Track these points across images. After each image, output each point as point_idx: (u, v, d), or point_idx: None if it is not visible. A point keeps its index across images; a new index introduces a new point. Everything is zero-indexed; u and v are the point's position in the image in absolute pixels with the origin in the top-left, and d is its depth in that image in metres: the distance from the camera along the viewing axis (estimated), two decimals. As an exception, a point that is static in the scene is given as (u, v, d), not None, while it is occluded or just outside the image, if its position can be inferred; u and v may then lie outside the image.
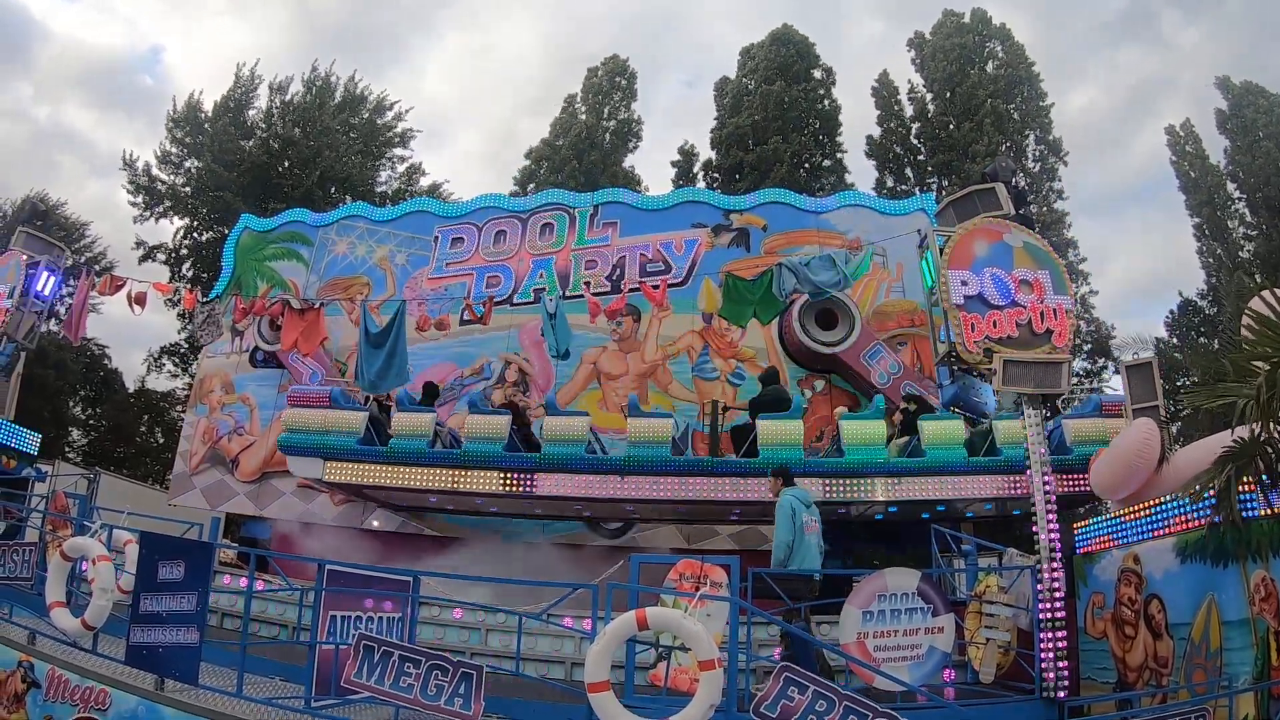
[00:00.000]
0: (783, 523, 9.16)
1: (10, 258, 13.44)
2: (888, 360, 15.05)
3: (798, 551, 9.12)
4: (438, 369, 16.91)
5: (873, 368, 15.02)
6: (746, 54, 32.49)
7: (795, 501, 9.34)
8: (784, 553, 9.10)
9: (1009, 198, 10.12)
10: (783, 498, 9.43)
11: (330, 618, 7.14)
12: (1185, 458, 8.95)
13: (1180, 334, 27.19)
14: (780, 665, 5.85)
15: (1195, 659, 7.55)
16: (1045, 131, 29.51)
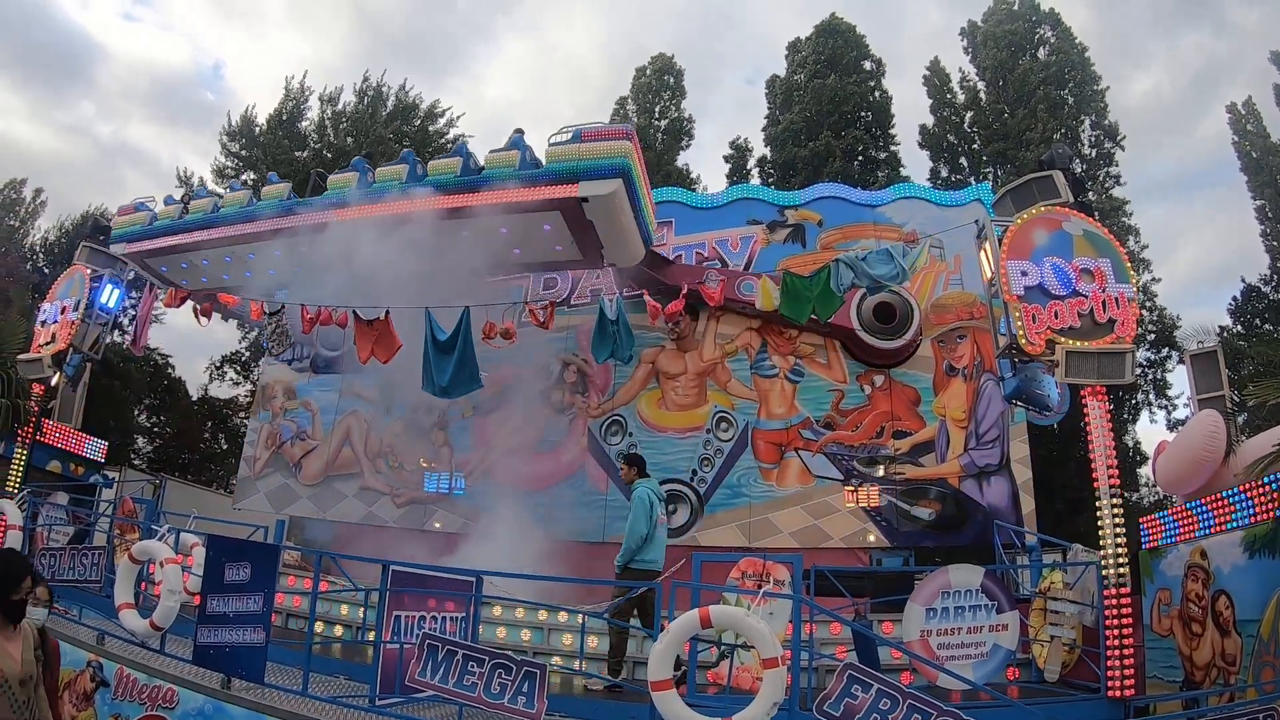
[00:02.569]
0: (640, 514, 9.19)
1: (74, 272, 13.79)
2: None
3: (650, 544, 9.17)
4: (496, 371, 16.98)
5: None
6: (793, 49, 32.26)
7: (649, 493, 9.39)
8: (637, 543, 9.12)
9: (1067, 185, 9.96)
10: (639, 489, 9.47)
11: (394, 617, 7.21)
12: (1252, 449, 8.74)
13: (1244, 321, 26.47)
14: (844, 664, 5.79)
15: (1264, 656, 7.36)
16: (1101, 117, 28.86)
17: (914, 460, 15.10)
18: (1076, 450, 21.31)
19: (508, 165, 12.82)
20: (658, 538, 9.32)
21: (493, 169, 12.89)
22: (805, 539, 14.73)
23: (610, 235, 12.98)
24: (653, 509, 9.29)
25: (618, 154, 12.25)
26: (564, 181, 12.30)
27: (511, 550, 13.38)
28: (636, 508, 9.28)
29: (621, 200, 12.36)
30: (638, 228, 13.14)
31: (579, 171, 12.25)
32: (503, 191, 12.58)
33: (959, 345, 15.63)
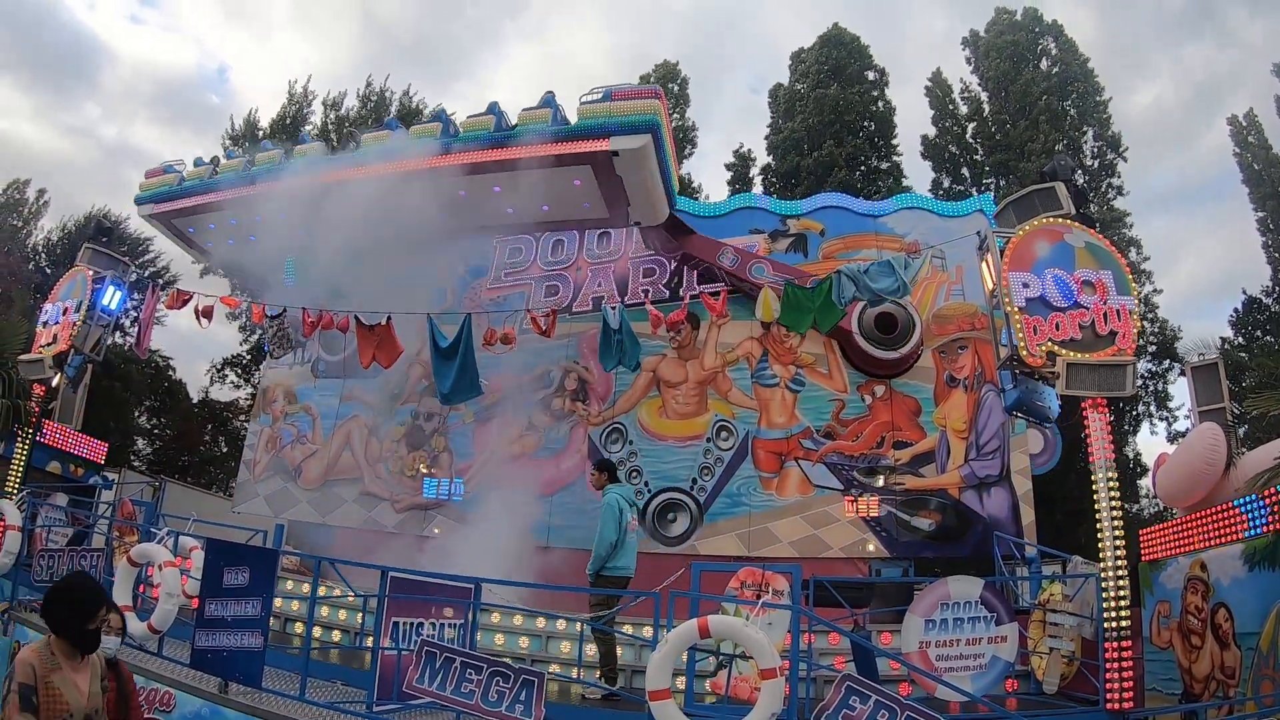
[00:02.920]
0: (609, 520, 9.16)
1: (77, 273, 13.78)
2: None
3: (620, 550, 9.17)
4: (497, 378, 17.03)
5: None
6: (797, 58, 32.29)
7: (620, 500, 9.36)
8: (606, 550, 9.11)
9: (1069, 196, 9.94)
10: (608, 495, 9.44)
11: (392, 623, 7.20)
12: (1252, 461, 8.74)
13: (1245, 333, 26.46)
14: (842, 675, 5.78)
15: (1264, 669, 7.35)
16: (1103, 128, 28.87)
17: (914, 471, 15.11)
18: (1077, 461, 21.28)
19: (540, 122, 13.26)
20: (629, 544, 9.30)
21: (525, 125, 13.32)
22: (805, 549, 14.72)
23: (637, 191, 13.42)
24: (623, 515, 9.24)
25: (647, 111, 12.70)
26: (595, 137, 12.76)
27: (509, 556, 13.37)
28: (606, 514, 9.23)
29: (650, 155, 12.79)
30: (663, 186, 13.55)
31: (610, 127, 12.69)
32: (536, 146, 13.03)
33: (960, 356, 15.64)
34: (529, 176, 13.33)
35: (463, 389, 13.67)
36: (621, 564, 9.21)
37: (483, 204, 14.05)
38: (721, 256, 15.71)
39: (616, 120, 12.64)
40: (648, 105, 12.74)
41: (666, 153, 13.26)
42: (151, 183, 15.46)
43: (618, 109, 12.72)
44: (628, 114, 12.65)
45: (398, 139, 14.12)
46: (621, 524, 9.20)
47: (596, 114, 12.81)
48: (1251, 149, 26.96)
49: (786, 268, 15.73)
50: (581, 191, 13.63)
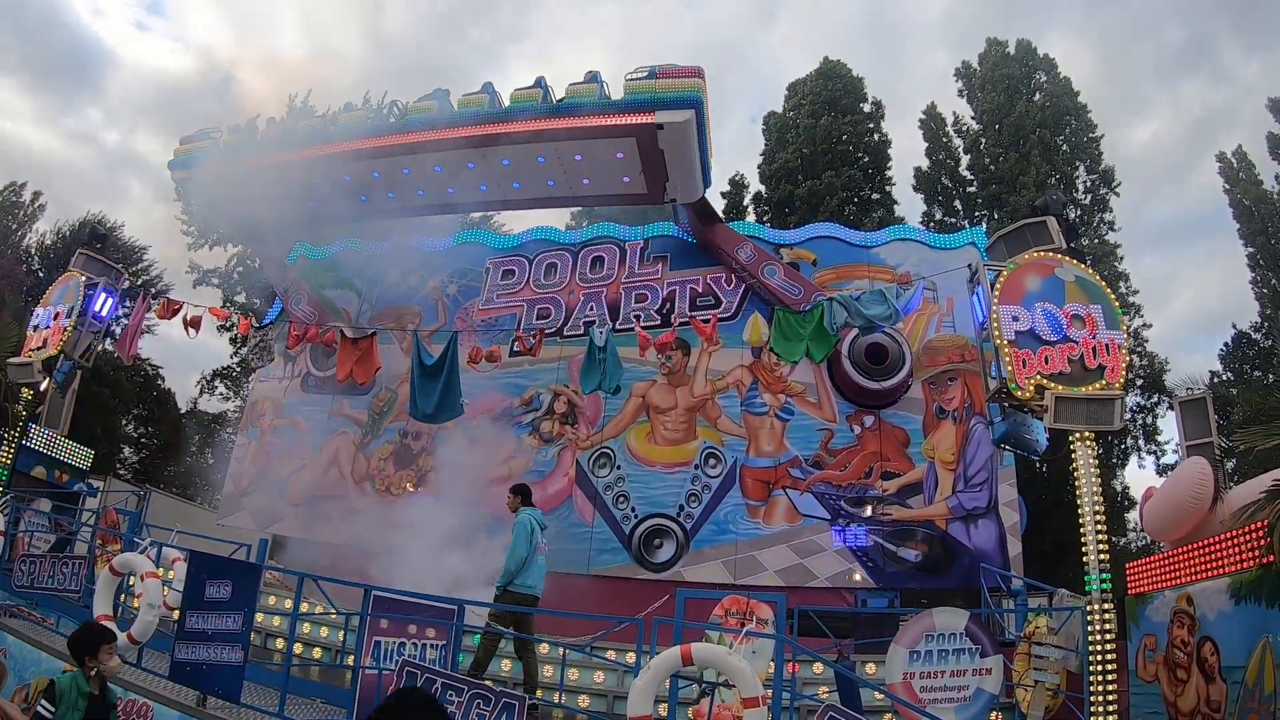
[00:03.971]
0: (520, 540, 9.50)
1: (70, 278, 13.76)
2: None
3: (528, 568, 9.45)
4: (487, 400, 17.02)
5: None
6: (793, 88, 32.47)
7: (531, 521, 9.70)
8: (516, 566, 9.39)
9: (1060, 231, 10.02)
10: (521, 515, 9.78)
11: (374, 642, 7.15)
12: (1240, 496, 8.76)
13: (1234, 368, 26.58)
14: (825, 705, 5.76)
15: (1249, 704, 7.34)
16: (1095, 162, 29.08)
17: (902, 501, 15.10)
18: (1064, 494, 21.30)
19: (587, 95, 13.75)
20: (537, 563, 9.59)
21: (573, 98, 13.78)
22: (790, 577, 14.67)
23: (677, 166, 13.88)
24: (533, 535, 9.60)
25: (691, 89, 13.31)
26: (641, 111, 13.31)
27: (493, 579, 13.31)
28: (518, 532, 9.57)
29: (692, 130, 13.33)
30: (700, 165, 14.00)
31: (655, 102, 13.28)
32: (585, 117, 13.56)
33: (949, 388, 15.68)
34: (573, 148, 13.87)
35: (445, 408, 13.70)
36: (529, 582, 9.49)
37: (524, 175, 14.55)
38: (740, 250, 16.00)
39: (662, 95, 13.21)
40: (692, 83, 13.31)
41: (706, 131, 13.73)
42: (187, 147, 15.66)
43: (663, 85, 13.29)
44: (672, 90, 13.24)
45: (443, 109, 14.40)
46: (532, 543, 9.54)
47: (641, 89, 13.35)
48: (1242, 185, 27.14)
49: (796, 275, 15.87)
50: (623, 165, 14.08)
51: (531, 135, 13.72)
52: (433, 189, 15.24)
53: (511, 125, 13.76)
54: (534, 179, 14.66)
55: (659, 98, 13.22)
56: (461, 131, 13.99)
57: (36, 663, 8.16)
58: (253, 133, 15.24)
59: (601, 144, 13.80)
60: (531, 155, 14.08)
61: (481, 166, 14.37)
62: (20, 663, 8.29)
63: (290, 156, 14.71)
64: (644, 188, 14.51)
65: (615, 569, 15.39)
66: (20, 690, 8.10)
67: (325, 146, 14.64)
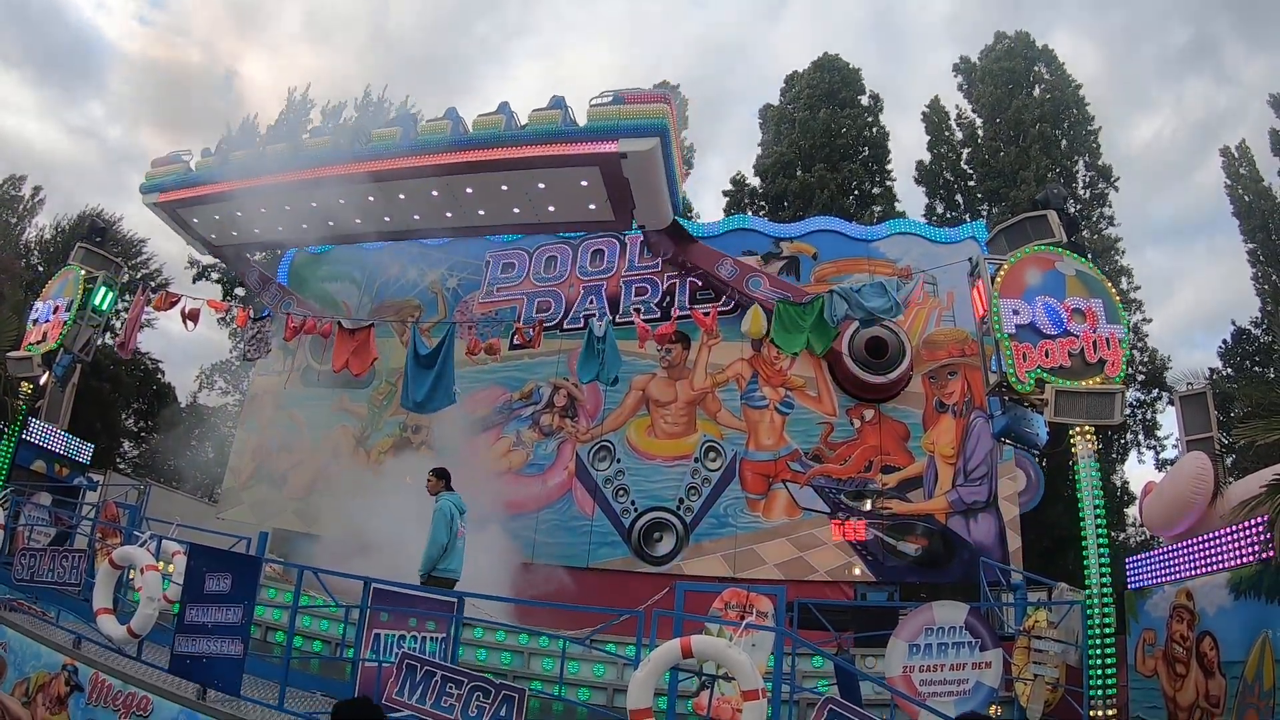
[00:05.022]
0: (440, 525, 9.66)
1: (69, 272, 13.76)
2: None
3: (450, 553, 9.63)
4: (487, 393, 17.02)
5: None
6: (790, 81, 32.35)
7: (452, 506, 9.84)
8: (438, 551, 9.56)
9: (1061, 225, 10.00)
10: (442, 501, 9.89)
11: (374, 635, 7.15)
12: (1239, 491, 8.76)
13: (1234, 364, 26.57)
14: (825, 698, 5.76)
15: (1248, 698, 7.34)
16: (1095, 157, 29.03)
17: (901, 495, 15.10)
18: (1064, 489, 21.30)
19: (550, 122, 13.30)
20: (457, 548, 9.77)
21: (535, 125, 13.34)
22: (790, 571, 14.68)
23: (643, 194, 13.53)
24: (453, 520, 9.75)
25: (656, 115, 12.83)
26: (604, 138, 12.86)
27: (493, 572, 13.31)
28: (438, 519, 9.71)
29: (657, 158, 12.90)
30: (668, 190, 13.65)
31: (619, 129, 12.82)
32: (546, 145, 13.13)
33: (950, 382, 15.67)
34: (536, 176, 13.49)
35: (437, 398, 13.73)
36: (450, 566, 9.67)
37: (489, 202, 14.19)
38: (720, 267, 15.77)
39: (626, 123, 12.77)
40: (657, 109, 12.88)
41: (673, 158, 13.38)
42: (158, 171, 15.50)
43: (627, 112, 12.87)
44: (637, 117, 12.81)
45: (407, 135, 14.14)
46: (453, 529, 9.68)
47: (606, 116, 12.94)
48: (1243, 181, 27.11)
49: (784, 284, 15.76)
50: (588, 192, 13.75)
51: (492, 164, 13.49)
52: (398, 215, 15.04)
53: (472, 154, 13.50)
54: (498, 206, 14.38)
55: (623, 125, 12.81)
56: (423, 160, 13.73)
57: (36, 656, 8.16)
58: (222, 157, 15.12)
59: (565, 172, 13.50)
60: (495, 183, 13.85)
61: (445, 194, 14.14)
62: (20, 657, 8.29)
63: (255, 182, 14.52)
64: (611, 214, 14.23)
65: (615, 562, 15.41)
66: (20, 684, 8.10)
67: (291, 173, 14.37)
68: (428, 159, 13.68)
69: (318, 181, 14.12)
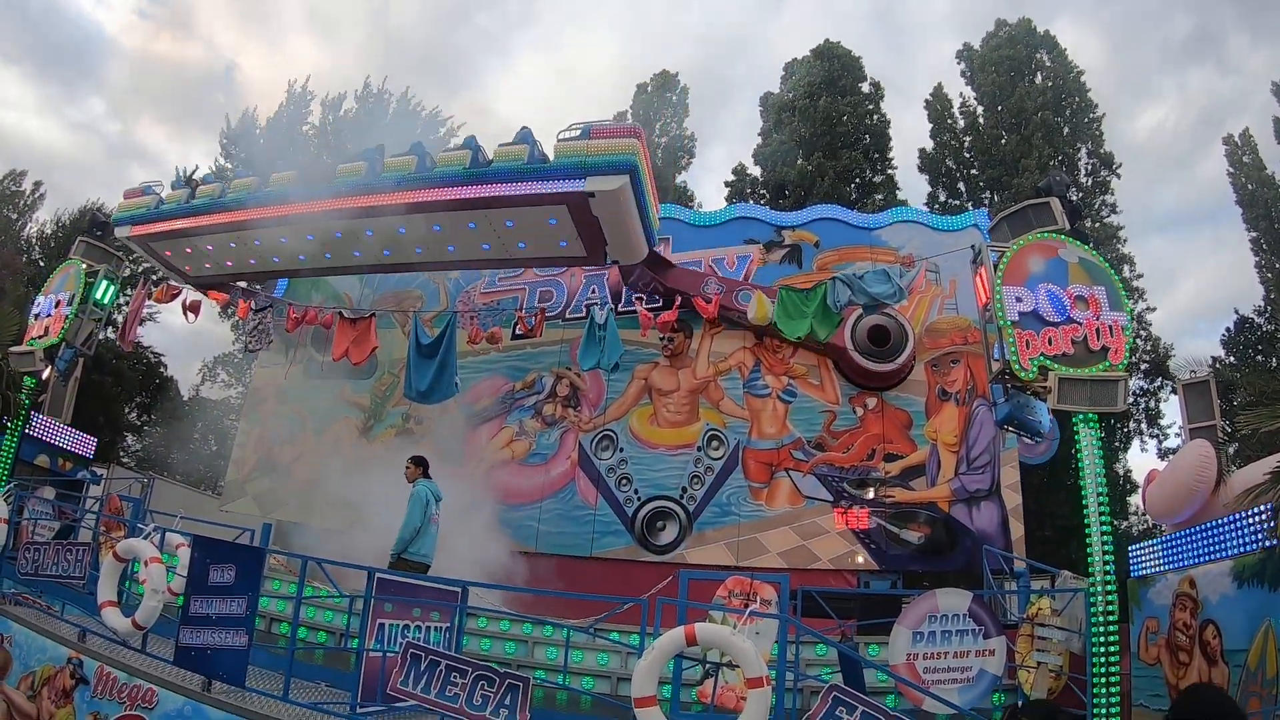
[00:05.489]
0: (415, 510, 9.87)
1: (70, 266, 13.76)
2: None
3: (422, 538, 9.84)
4: (489, 383, 17.02)
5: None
6: (789, 69, 32.21)
7: (428, 492, 10.05)
8: (410, 535, 9.77)
9: (1063, 212, 9.98)
10: (419, 487, 10.10)
11: (378, 625, 7.17)
12: (1242, 479, 8.76)
13: (1237, 352, 26.55)
14: (829, 685, 5.77)
15: (1251, 687, 7.36)
16: (1097, 144, 28.96)
17: (904, 483, 15.10)
18: (1066, 477, 21.33)
19: (516, 159, 12.86)
20: (430, 533, 10.03)
21: (501, 162, 12.91)
22: (793, 560, 14.69)
23: (615, 232, 13.05)
24: (428, 506, 9.95)
25: (625, 151, 12.31)
26: (571, 176, 12.37)
27: (493, 562, 13.34)
28: (413, 503, 9.90)
29: (627, 197, 12.45)
30: (642, 226, 13.25)
31: (587, 167, 12.32)
32: (511, 184, 12.68)
33: (952, 370, 15.66)
34: (504, 214, 13.09)
35: (440, 388, 13.72)
36: (422, 550, 9.89)
37: (457, 239, 13.79)
38: (706, 287, 15.58)
39: (594, 160, 12.28)
40: (626, 145, 12.37)
41: (645, 192, 12.96)
42: (129, 204, 15.04)
43: (595, 148, 12.35)
44: (605, 153, 12.28)
45: (372, 170, 13.65)
46: (427, 514, 9.89)
47: (573, 152, 12.45)
48: (1246, 169, 27.06)
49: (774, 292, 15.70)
50: (558, 230, 13.31)
51: (456, 204, 13.09)
52: (368, 251, 14.54)
53: (434, 193, 13.08)
54: (467, 243, 13.91)
55: (590, 162, 12.25)
56: (386, 198, 13.31)
57: (41, 650, 8.18)
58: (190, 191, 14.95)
59: (533, 210, 13.00)
60: (461, 221, 13.40)
61: (412, 231, 13.73)
62: (26, 651, 8.31)
63: (221, 218, 14.29)
64: (583, 250, 13.69)
65: (618, 551, 15.41)
66: (26, 678, 8.13)
67: (256, 209, 14.02)
68: (390, 198, 13.29)
69: (282, 219, 13.82)
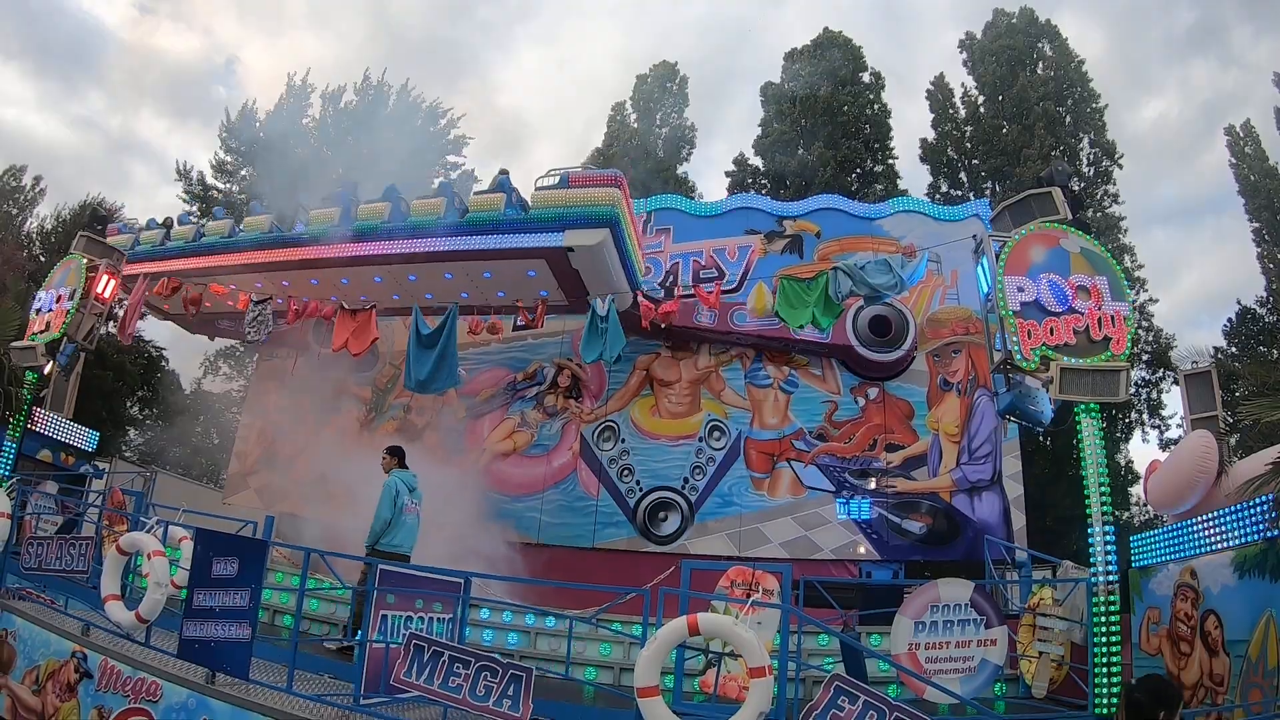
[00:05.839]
0: (385, 501, 9.84)
1: (71, 261, 13.74)
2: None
3: (395, 529, 9.79)
4: (491, 374, 17.03)
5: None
6: (790, 58, 32.15)
7: (399, 483, 10.00)
8: (381, 526, 9.74)
9: (1065, 202, 9.95)
10: (391, 477, 10.06)
11: (381, 617, 7.17)
12: (1244, 469, 8.75)
13: (1239, 343, 26.53)
14: (831, 675, 5.77)
15: (1252, 677, 7.34)
16: (1099, 134, 28.91)
17: (906, 474, 15.12)
18: (1068, 468, 21.34)
19: (492, 209, 12.69)
20: (404, 523, 9.92)
21: (478, 213, 12.74)
22: (795, 550, 14.73)
23: (596, 283, 12.95)
24: (399, 496, 9.91)
25: (605, 202, 12.12)
26: (549, 229, 12.21)
27: (495, 554, 13.35)
28: (384, 494, 9.86)
29: (608, 249, 12.29)
30: (625, 273, 13.12)
31: (565, 219, 12.16)
32: (486, 239, 12.63)
33: (954, 360, 15.67)
34: (481, 265, 13.00)
35: (440, 378, 13.67)
36: (396, 541, 9.82)
37: (434, 287, 13.69)
38: (698, 315, 15.62)
39: (573, 211, 12.11)
40: (606, 194, 12.16)
41: (627, 240, 12.82)
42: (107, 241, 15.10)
43: (574, 198, 12.16)
44: (584, 204, 12.09)
45: (346, 217, 13.50)
46: (398, 504, 9.84)
47: (552, 203, 12.29)
48: (1248, 160, 27.01)
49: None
50: (538, 281, 13.25)
51: (429, 257, 13.00)
52: (346, 296, 14.39)
53: (407, 244, 12.97)
54: (445, 291, 13.80)
55: (569, 214, 12.08)
56: (354, 250, 13.22)
57: (45, 644, 8.19)
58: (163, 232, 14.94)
59: (511, 263, 12.88)
60: (438, 271, 13.32)
61: (388, 279, 13.64)
62: (30, 645, 8.32)
63: (197, 263, 14.46)
64: (565, 299, 13.64)
65: (620, 542, 15.46)
66: (30, 672, 8.14)
67: (229, 255, 14.24)
68: (358, 249, 13.20)
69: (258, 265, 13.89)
